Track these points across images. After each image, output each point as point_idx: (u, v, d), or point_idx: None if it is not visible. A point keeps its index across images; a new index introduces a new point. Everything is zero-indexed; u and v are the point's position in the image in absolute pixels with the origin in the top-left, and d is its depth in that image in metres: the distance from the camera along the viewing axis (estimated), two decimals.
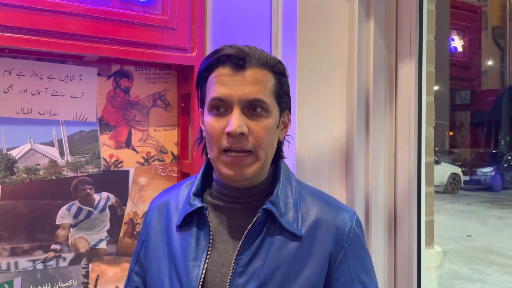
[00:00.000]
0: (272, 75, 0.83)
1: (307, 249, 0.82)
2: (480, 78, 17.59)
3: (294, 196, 0.86)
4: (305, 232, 0.83)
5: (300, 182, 0.93)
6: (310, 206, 0.86)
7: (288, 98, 0.88)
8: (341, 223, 0.86)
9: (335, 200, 0.91)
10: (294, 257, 0.81)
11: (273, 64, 0.83)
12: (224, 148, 0.79)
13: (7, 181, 1.37)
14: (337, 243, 0.84)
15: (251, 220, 0.83)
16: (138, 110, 1.57)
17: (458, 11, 15.23)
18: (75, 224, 1.47)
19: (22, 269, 1.40)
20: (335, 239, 0.84)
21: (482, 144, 18.82)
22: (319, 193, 0.92)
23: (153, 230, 0.93)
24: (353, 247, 0.85)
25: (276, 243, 0.82)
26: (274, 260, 0.81)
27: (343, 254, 0.84)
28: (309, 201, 0.87)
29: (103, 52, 1.36)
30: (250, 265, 0.81)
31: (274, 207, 0.82)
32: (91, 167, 1.49)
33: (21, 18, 1.24)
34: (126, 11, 1.39)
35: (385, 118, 1.70)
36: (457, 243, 7.32)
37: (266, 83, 0.81)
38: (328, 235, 0.84)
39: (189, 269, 0.83)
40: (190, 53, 1.49)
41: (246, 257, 0.81)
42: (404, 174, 1.66)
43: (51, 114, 1.43)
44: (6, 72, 1.37)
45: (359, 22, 1.65)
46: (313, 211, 0.86)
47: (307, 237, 0.83)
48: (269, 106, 0.81)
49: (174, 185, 1.01)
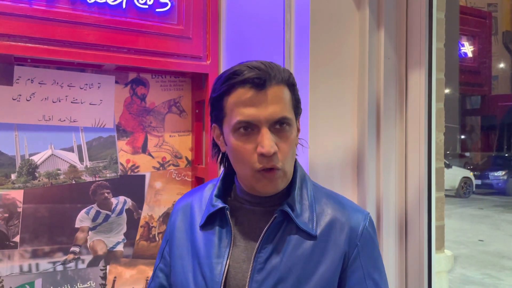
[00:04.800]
0: (288, 88, 0.86)
1: (322, 248, 0.86)
2: (491, 83, 17.43)
3: (309, 198, 0.91)
4: (320, 232, 0.87)
5: (315, 184, 0.97)
6: (324, 207, 0.91)
7: (300, 104, 0.92)
8: (355, 223, 0.89)
9: (349, 201, 0.95)
10: (310, 255, 0.86)
11: (287, 78, 0.86)
12: (259, 169, 0.84)
13: (29, 186, 1.43)
14: (351, 242, 0.88)
15: (269, 221, 0.88)
16: (154, 117, 1.61)
17: (467, 17, 15.14)
18: (94, 227, 1.52)
19: (43, 270, 1.45)
20: (349, 238, 0.88)
21: (494, 148, 18.63)
22: (333, 194, 0.96)
23: (177, 230, 0.98)
24: (366, 246, 0.89)
25: (293, 242, 0.86)
26: (290, 258, 0.85)
27: (356, 252, 0.88)
28: (324, 203, 0.91)
29: (120, 61, 1.41)
30: (268, 262, 0.85)
31: (290, 209, 0.87)
32: (109, 172, 1.54)
33: (43, 29, 1.30)
34: (143, 21, 1.43)
35: (396, 125, 1.73)
36: (469, 247, 7.26)
37: (287, 99, 0.85)
38: (343, 234, 0.88)
39: (213, 266, 0.88)
40: (205, 61, 1.54)
41: (264, 254, 0.86)
42: (415, 179, 1.68)
43: (71, 121, 1.48)
44: (29, 80, 1.42)
45: (370, 32, 1.68)
46: (327, 212, 0.90)
47: (322, 236, 0.87)
48: (292, 121, 0.85)
49: (197, 188, 1.06)
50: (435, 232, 1.68)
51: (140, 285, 1.59)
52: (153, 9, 1.45)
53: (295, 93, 0.89)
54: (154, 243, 1.62)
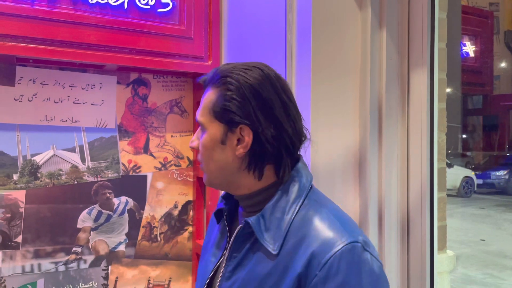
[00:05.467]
0: (215, 91, 0.83)
1: (283, 268, 0.76)
2: (493, 82, 17.40)
3: (289, 212, 0.80)
4: (284, 251, 0.77)
5: (317, 200, 0.84)
6: (304, 224, 0.79)
7: (237, 114, 0.80)
8: (321, 248, 0.74)
9: (342, 224, 0.78)
10: (267, 275, 0.78)
11: (217, 80, 0.83)
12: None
13: (31, 186, 1.43)
14: (309, 269, 0.73)
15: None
16: (155, 117, 1.61)
17: (469, 16, 15.14)
18: (96, 227, 1.52)
19: (45, 271, 1.45)
20: (308, 263, 0.74)
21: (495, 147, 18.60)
22: (331, 213, 0.81)
23: (210, 223, 1.01)
24: (328, 281, 0.72)
25: (256, 257, 0.80)
26: (249, 273, 0.80)
27: (313, 285, 0.73)
28: (307, 220, 0.79)
29: (122, 62, 1.41)
30: (234, 271, 0.83)
31: (257, 220, 0.80)
32: (111, 172, 1.54)
33: (45, 29, 1.30)
34: (144, 22, 1.43)
35: (398, 125, 1.73)
36: (471, 247, 7.24)
37: (206, 102, 0.84)
38: (304, 257, 0.74)
39: (209, 263, 0.91)
40: (206, 61, 1.54)
41: (232, 263, 0.83)
42: (417, 180, 1.67)
43: (73, 121, 1.49)
44: (31, 81, 1.42)
45: (372, 32, 1.68)
46: (302, 230, 0.78)
47: (286, 256, 0.77)
48: (204, 124, 0.84)
49: None
50: (437, 232, 1.68)
51: (142, 285, 1.60)
52: (155, 9, 1.45)
53: (226, 97, 0.80)
54: (156, 243, 1.62)
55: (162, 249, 1.63)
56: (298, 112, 0.85)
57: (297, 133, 0.84)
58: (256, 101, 0.80)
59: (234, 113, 0.80)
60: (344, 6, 1.74)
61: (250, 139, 0.80)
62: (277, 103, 0.81)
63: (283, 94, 0.83)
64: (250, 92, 0.80)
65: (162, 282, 1.63)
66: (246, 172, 0.83)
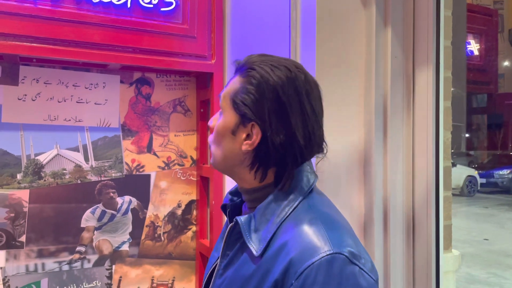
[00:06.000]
0: (240, 80, 0.81)
1: (264, 272, 0.73)
2: (497, 81, 17.33)
3: (284, 215, 0.76)
4: (268, 254, 0.74)
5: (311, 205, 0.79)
6: (291, 229, 0.74)
7: (251, 110, 0.77)
8: (300, 255, 0.70)
9: (330, 232, 0.73)
10: (249, 277, 0.75)
11: (244, 70, 0.81)
12: None
13: (35, 185, 1.43)
14: (286, 276, 0.70)
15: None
16: (159, 116, 1.61)
17: (474, 14, 15.09)
18: (99, 227, 1.52)
19: (49, 270, 1.45)
20: (286, 271, 0.70)
21: (499, 146, 18.52)
22: (321, 220, 0.75)
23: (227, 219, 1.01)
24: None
25: (243, 258, 0.78)
26: (234, 273, 0.78)
27: None
28: (295, 224, 0.75)
29: (125, 61, 1.41)
30: (225, 269, 0.82)
31: (247, 220, 0.78)
32: (114, 172, 1.54)
33: (48, 29, 1.30)
34: (148, 21, 1.43)
35: (403, 124, 1.71)
36: (474, 246, 7.22)
37: (230, 89, 0.83)
38: (283, 263, 0.71)
39: (212, 257, 0.92)
40: (209, 60, 1.53)
41: (225, 261, 0.82)
42: (422, 178, 1.66)
43: (76, 121, 1.48)
44: (34, 80, 1.42)
45: (377, 31, 1.67)
46: (287, 234, 0.74)
47: (268, 259, 0.74)
48: (222, 108, 0.83)
49: None
50: (443, 232, 1.66)
51: (146, 284, 1.59)
52: (158, 8, 1.45)
53: (245, 91, 0.78)
54: (159, 242, 1.62)
55: (165, 248, 1.62)
56: (318, 123, 0.80)
57: (310, 145, 0.79)
58: (273, 102, 0.76)
59: (249, 108, 0.77)
60: (348, 4, 1.73)
61: (258, 138, 0.78)
62: (296, 109, 0.77)
63: (306, 101, 0.78)
64: (269, 91, 0.76)
65: (166, 282, 1.63)
66: (248, 169, 0.81)
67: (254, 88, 0.77)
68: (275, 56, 0.82)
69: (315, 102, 0.80)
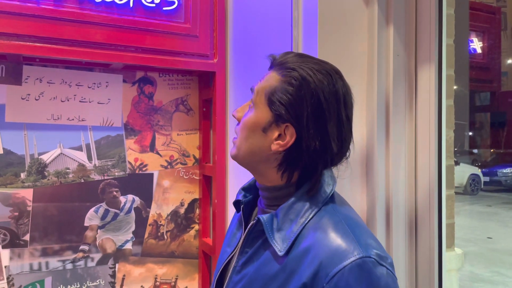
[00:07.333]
0: (278, 78, 0.79)
1: (289, 273, 0.73)
2: (500, 79, 17.25)
3: (307, 216, 0.77)
4: (293, 254, 0.74)
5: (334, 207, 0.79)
6: (317, 230, 0.75)
7: (287, 111, 0.76)
8: (330, 258, 0.70)
9: (356, 235, 0.73)
10: (272, 277, 0.75)
11: (284, 68, 0.79)
12: None
13: (39, 185, 1.43)
14: (316, 279, 0.70)
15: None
16: (161, 115, 1.61)
17: (477, 12, 15.01)
18: (103, 225, 1.52)
19: (53, 269, 1.46)
20: (316, 274, 0.70)
21: (502, 144, 18.46)
22: (346, 223, 0.76)
23: (235, 212, 1.00)
24: None
25: (265, 256, 0.78)
26: (256, 272, 0.78)
27: None
28: (320, 226, 0.75)
29: (128, 60, 1.41)
30: (243, 266, 0.82)
31: (270, 219, 0.78)
32: (117, 171, 1.54)
33: (51, 28, 1.30)
34: (150, 20, 1.43)
35: (405, 122, 1.71)
36: (478, 245, 7.20)
37: (266, 84, 0.80)
38: (311, 267, 0.71)
39: (224, 252, 0.91)
40: (212, 59, 1.53)
41: (243, 258, 0.82)
42: (425, 177, 1.66)
43: (80, 120, 1.49)
44: (37, 80, 1.43)
45: (379, 28, 1.66)
46: (313, 236, 0.74)
47: (293, 260, 0.74)
48: (255, 103, 0.81)
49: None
50: (445, 230, 1.66)
51: (149, 283, 1.60)
52: (160, 7, 1.45)
53: (283, 91, 0.77)
54: (163, 241, 1.62)
55: (168, 247, 1.63)
56: (350, 133, 0.80)
57: (341, 152, 0.79)
58: (313, 108, 0.75)
59: (287, 109, 0.76)
60: (350, 3, 1.73)
61: (292, 141, 0.77)
62: (334, 118, 0.76)
63: (343, 110, 0.78)
64: (310, 96, 0.75)
65: (169, 280, 1.63)
66: (275, 168, 0.81)
67: (294, 90, 0.76)
68: (315, 58, 0.81)
69: (350, 110, 0.80)
